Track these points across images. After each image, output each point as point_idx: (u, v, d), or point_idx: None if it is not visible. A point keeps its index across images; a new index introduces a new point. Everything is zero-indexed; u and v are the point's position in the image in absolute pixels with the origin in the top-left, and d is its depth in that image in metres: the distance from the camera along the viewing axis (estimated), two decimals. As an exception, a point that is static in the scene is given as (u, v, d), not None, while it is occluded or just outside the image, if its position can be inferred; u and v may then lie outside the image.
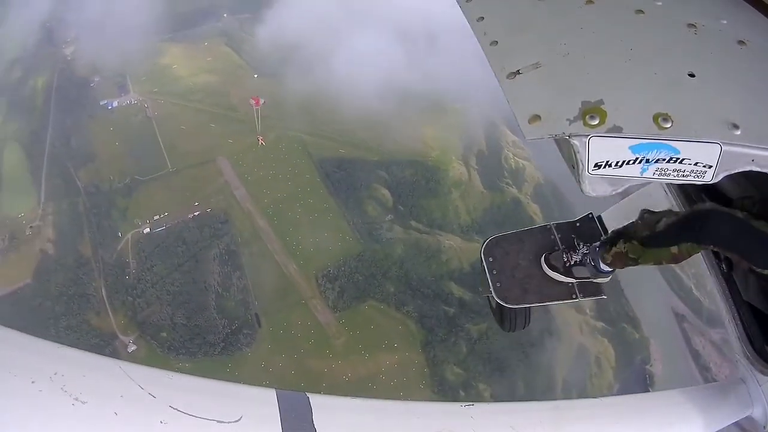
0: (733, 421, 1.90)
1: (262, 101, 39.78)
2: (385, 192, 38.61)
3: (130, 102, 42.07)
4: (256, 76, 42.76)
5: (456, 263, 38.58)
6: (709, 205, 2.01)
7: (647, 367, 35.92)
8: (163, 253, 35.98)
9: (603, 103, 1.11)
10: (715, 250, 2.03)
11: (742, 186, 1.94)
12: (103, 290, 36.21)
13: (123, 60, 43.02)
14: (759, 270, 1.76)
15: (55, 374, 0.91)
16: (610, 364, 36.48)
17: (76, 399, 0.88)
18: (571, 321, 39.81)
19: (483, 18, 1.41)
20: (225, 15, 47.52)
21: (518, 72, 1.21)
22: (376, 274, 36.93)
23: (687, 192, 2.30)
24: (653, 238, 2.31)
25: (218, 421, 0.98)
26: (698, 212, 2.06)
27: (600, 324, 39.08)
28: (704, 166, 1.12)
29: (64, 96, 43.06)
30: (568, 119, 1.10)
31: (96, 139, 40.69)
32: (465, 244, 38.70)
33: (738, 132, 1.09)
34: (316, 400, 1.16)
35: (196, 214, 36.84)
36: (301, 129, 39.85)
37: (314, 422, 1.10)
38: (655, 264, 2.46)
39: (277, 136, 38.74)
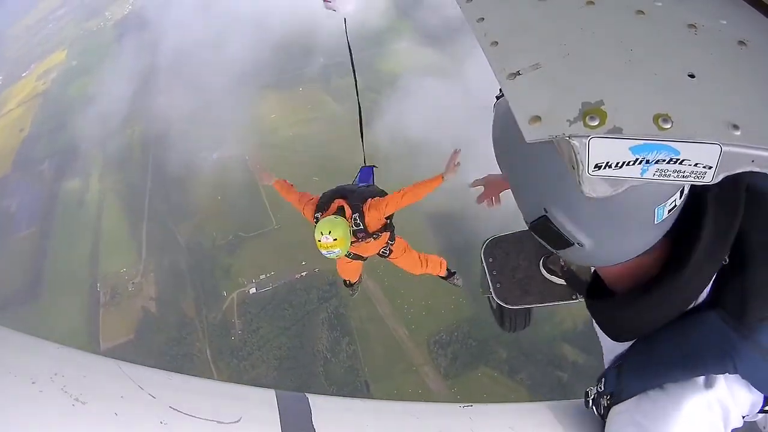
0: None
1: None
2: (498, 249, 36.22)
3: (230, 154, 41.24)
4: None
5: (570, 323, 36.32)
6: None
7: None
8: (269, 316, 34.76)
9: (603, 104, 1.08)
10: None
11: None
12: (207, 351, 35.41)
13: (219, 110, 42.56)
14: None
15: (56, 375, 0.92)
16: None
17: (77, 399, 0.90)
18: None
19: (483, 19, 1.36)
20: (321, 59, 45.64)
21: (518, 73, 1.18)
22: (488, 339, 34.74)
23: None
24: None
25: (218, 422, 0.98)
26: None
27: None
28: (704, 167, 1.08)
29: (161, 148, 42.94)
30: (568, 120, 1.07)
31: (196, 194, 40.14)
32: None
33: (738, 132, 1.05)
34: (316, 401, 1.17)
35: (303, 274, 35.33)
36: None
37: (313, 423, 1.10)
38: None
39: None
